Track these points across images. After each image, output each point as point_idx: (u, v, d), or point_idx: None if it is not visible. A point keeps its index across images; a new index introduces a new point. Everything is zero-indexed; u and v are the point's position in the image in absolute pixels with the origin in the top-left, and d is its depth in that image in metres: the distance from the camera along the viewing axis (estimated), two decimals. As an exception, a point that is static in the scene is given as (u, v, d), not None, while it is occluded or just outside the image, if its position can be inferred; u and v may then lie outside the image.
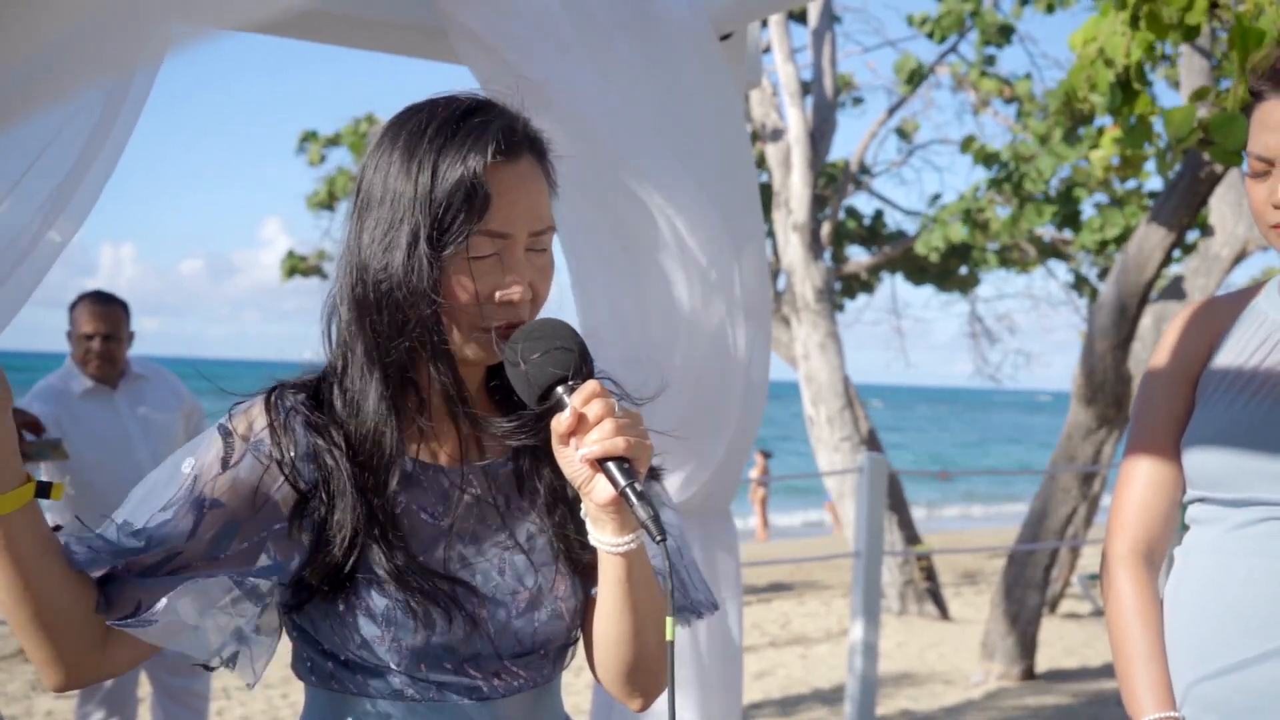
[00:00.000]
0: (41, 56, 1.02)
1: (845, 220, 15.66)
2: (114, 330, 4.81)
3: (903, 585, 10.28)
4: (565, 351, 1.47)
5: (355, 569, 1.52)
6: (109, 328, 4.80)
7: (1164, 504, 2.06)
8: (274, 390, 1.59)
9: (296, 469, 1.53)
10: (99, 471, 4.63)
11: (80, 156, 1.68)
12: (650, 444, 1.46)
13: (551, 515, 1.62)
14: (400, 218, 1.50)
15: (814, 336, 10.27)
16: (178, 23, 1.10)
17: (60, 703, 6.73)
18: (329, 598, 1.53)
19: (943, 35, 13.26)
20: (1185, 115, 4.91)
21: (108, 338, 4.78)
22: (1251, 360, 1.99)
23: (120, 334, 4.84)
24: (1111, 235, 12.54)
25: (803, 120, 10.29)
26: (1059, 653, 8.76)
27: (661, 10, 2.86)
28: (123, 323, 4.88)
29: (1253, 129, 1.95)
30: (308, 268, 16.96)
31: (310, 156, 16.52)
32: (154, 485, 1.54)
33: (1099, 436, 8.03)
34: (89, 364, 4.79)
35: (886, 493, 6.21)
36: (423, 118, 1.54)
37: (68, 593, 1.46)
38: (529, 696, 1.61)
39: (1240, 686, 1.88)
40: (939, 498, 28.85)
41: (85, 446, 4.64)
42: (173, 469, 1.55)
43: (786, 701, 7.37)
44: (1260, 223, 1.97)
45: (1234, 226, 7.78)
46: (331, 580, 1.52)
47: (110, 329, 4.80)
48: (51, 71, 1.08)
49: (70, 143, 1.68)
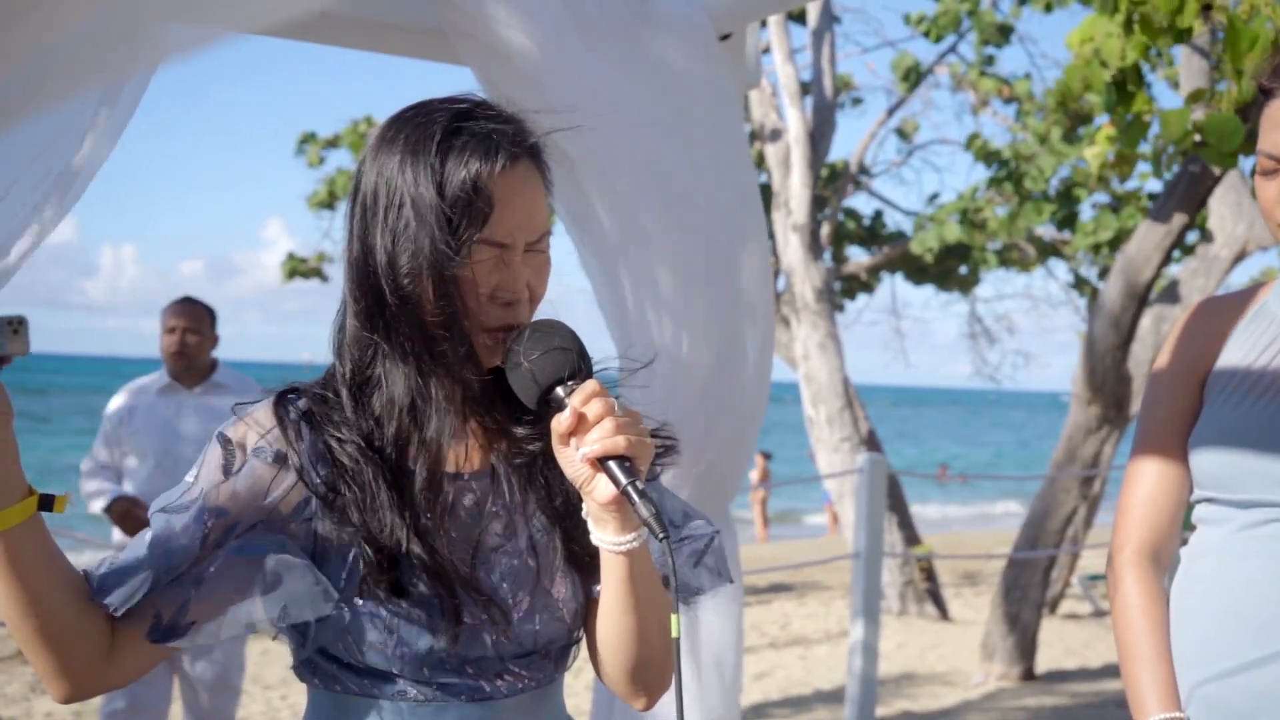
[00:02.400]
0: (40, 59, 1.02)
1: (845, 221, 15.64)
2: (193, 325, 4.99)
3: (903, 586, 10.28)
4: (564, 352, 1.48)
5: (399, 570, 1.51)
6: (188, 323, 4.98)
7: (1170, 504, 2.05)
8: (281, 395, 1.58)
9: (310, 472, 1.53)
10: (151, 463, 4.87)
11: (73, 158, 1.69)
12: (651, 442, 1.46)
13: (553, 516, 1.62)
14: (407, 221, 1.49)
15: (814, 337, 10.27)
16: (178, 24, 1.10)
17: (60, 705, 6.72)
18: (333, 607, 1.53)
19: (939, 35, 13.26)
20: (1180, 118, 4.91)
21: (187, 331, 4.96)
22: (1260, 360, 1.99)
23: (201, 331, 5.01)
24: (1105, 239, 12.54)
25: (802, 121, 10.29)
26: (1059, 653, 8.76)
27: (661, 10, 2.87)
28: (204, 321, 5.04)
29: (1263, 127, 1.95)
30: (308, 269, 16.93)
31: (309, 158, 16.51)
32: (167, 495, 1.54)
33: (1099, 437, 8.03)
34: (168, 361, 4.98)
35: (886, 493, 6.21)
36: (424, 119, 1.53)
37: (73, 605, 1.45)
38: (531, 697, 1.61)
39: (1243, 689, 1.88)
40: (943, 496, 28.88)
41: (144, 439, 4.89)
42: (181, 478, 1.55)
43: (786, 702, 7.37)
44: (1269, 220, 1.97)
45: (1233, 227, 7.78)
46: (370, 581, 1.51)
47: (190, 324, 4.98)
48: (50, 74, 1.08)
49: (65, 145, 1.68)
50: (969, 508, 28.09)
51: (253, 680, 7.30)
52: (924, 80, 14.40)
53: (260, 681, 7.47)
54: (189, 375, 4.99)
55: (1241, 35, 4.21)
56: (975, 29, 13.41)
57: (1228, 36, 4.29)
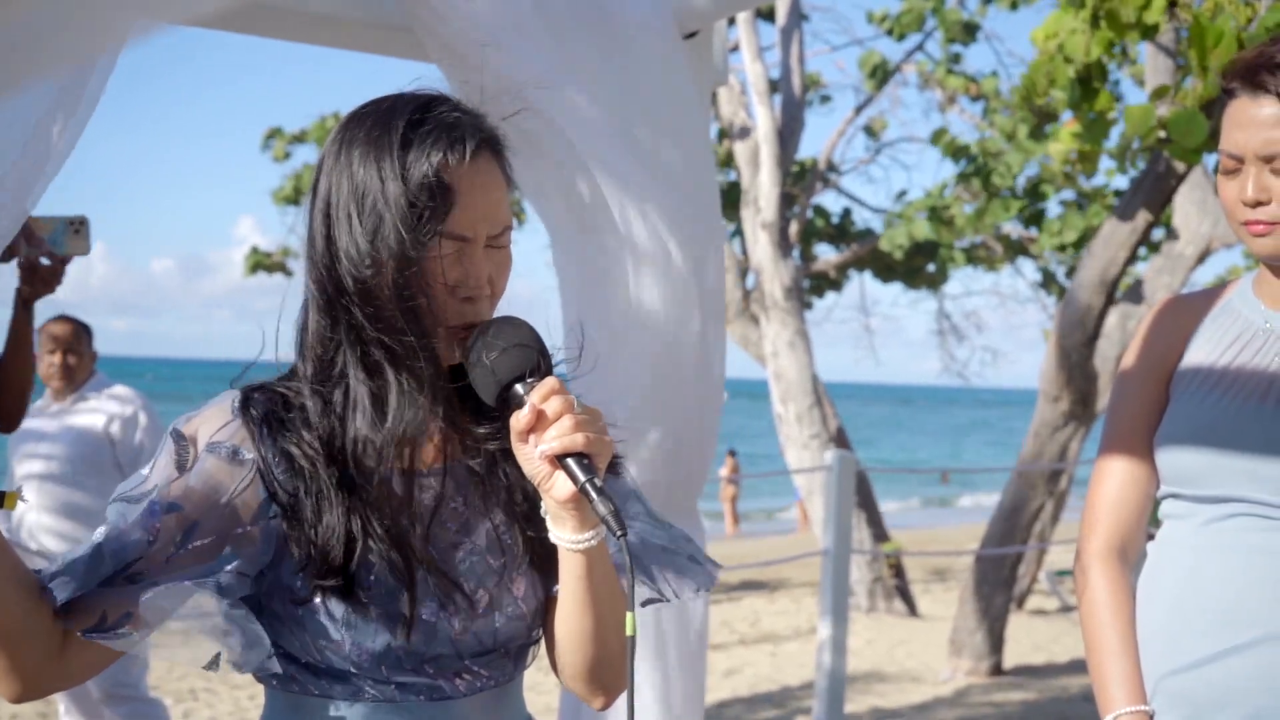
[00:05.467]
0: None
1: (814, 218, 15.69)
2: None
3: (871, 582, 10.31)
4: (524, 349, 1.47)
5: (358, 568, 1.50)
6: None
7: (1137, 500, 2.07)
8: (242, 393, 1.56)
9: (271, 471, 1.51)
10: None
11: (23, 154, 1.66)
12: (611, 440, 1.45)
13: (512, 514, 1.61)
14: (369, 214, 1.48)
15: (783, 334, 10.28)
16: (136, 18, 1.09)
17: (25, 705, 6.67)
18: (289, 601, 1.52)
19: (903, 33, 13.31)
20: (1144, 113, 4.95)
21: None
22: (1224, 357, 2.01)
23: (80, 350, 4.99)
24: (1070, 239, 12.61)
25: (771, 119, 10.30)
26: (1027, 649, 8.81)
27: (623, 9, 2.86)
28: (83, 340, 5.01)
29: (1224, 126, 1.97)
30: (272, 264, 16.87)
31: (275, 153, 16.46)
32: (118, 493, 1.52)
33: (1066, 433, 8.08)
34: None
35: (855, 490, 6.22)
36: (383, 114, 1.52)
37: (24, 603, 1.43)
38: (490, 696, 1.60)
39: (1206, 680, 1.90)
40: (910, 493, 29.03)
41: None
42: (134, 473, 1.53)
43: (755, 699, 7.38)
44: (1231, 220, 1.99)
45: (1198, 225, 7.84)
46: (332, 581, 1.49)
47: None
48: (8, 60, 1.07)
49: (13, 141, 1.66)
50: (939, 504, 28.26)
51: (220, 680, 7.26)
52: (891, 78, 14.46)
53: (229, 681, 7.43)
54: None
55: (1206, 32, 4.24)
56: (940, 27, 13.46)
57: (1192, 33, 4.32)
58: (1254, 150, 1.92)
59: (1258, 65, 1.93)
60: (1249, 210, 1.94)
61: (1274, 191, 1.91)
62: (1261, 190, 1.92)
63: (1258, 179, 1.92)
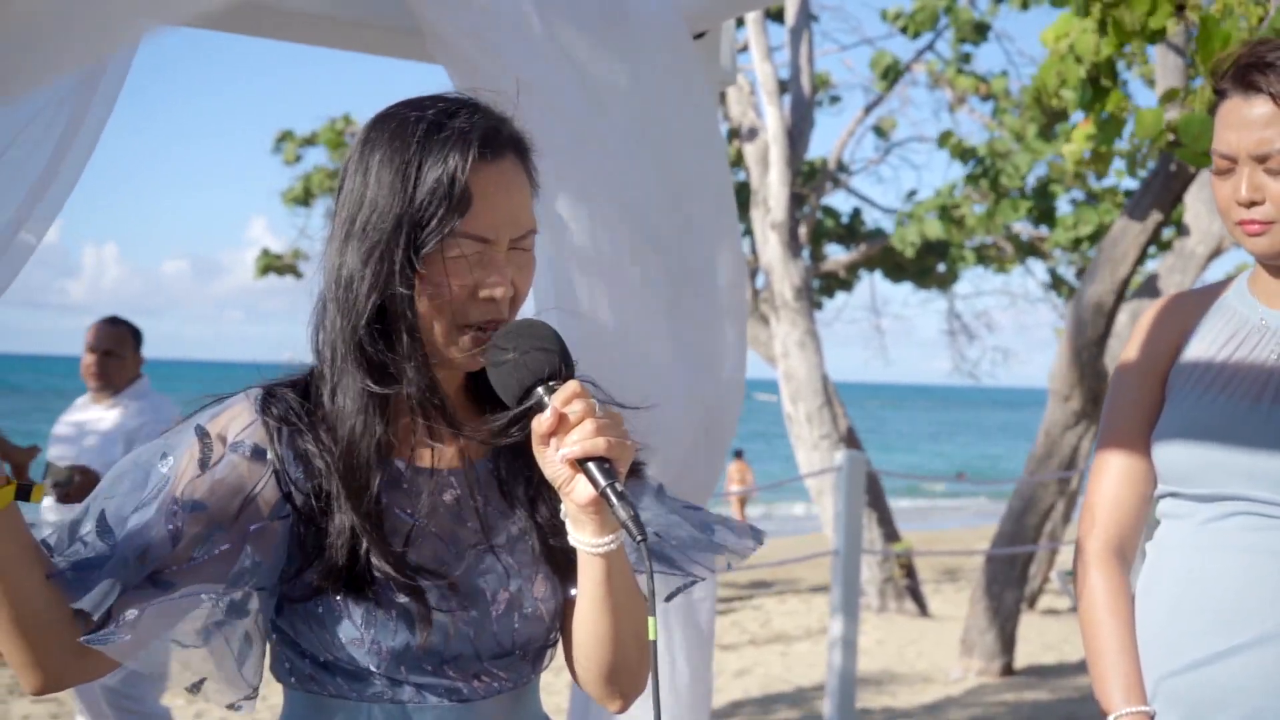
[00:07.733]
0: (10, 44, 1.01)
1: (823, 218, 15.68)
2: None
3: (882, 582, 10.30)
4: (546, 352, 1.47)
5: (365, 569, 1.50)
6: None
7: (1135, 499, 2.07)
8: (263, 391, 1.57)
9: (287, 471, 1.52)
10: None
11: (51, 157, 1.67)
12: (632, 444, 1.45)
13: (532, 516, 1.61)
14: (381, 218, 1.49)
15: (793, 334, 10.29)
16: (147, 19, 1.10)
17: (37, 706, 6.69)
18: (309, 600, 1.52)
19: (917, 31, 13.30)
20: (1154, 117, 4.94)
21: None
22: (1220, 355, 2.01)
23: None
24: (1085, 233, 12.61)
25: (780, 119, 10.30)
26: (1038, 649, 8.80)
27: (632, 8, 2.86)
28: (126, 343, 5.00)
29: (1217, 127, 1.98)
30: (282, 266, 16.90)
31: (285, 155, 16.50)
32: (126, 475, 1.52)
33: (1077, 432, 8.07)
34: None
35: (865, 490, 6.22)
36: (406, 117, 1.53)
37: (47, 596, 1.44)
38: (508, 698, 1.61)
39: (1206, 681, 1.91)
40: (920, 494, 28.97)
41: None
42: (148, 462, 1.52)
43: (766, 699, 7.38)
44: (1226, 219, 1.99)
45: (1209, 224, 7.82)
46: (340, 581, 1.50)
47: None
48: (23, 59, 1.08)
49: (39, 143, 1.67)
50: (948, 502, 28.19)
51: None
52: (901, 78, 14.45)
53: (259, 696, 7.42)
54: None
55: (1214, 35, 4.23)
56: (952, 26, 13.46)
57: (1200, 35, 4.31)
58: (1247, 150, 1.92)
59: (1249, 65, 1.93)
60: (1243, 210, 1.94)
61: (1268, 191, 1.92)
62: (1255, 190, 1.92)
63: (1251, 179, 1.93)
